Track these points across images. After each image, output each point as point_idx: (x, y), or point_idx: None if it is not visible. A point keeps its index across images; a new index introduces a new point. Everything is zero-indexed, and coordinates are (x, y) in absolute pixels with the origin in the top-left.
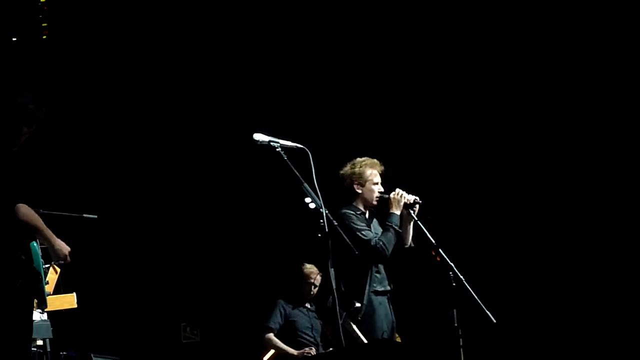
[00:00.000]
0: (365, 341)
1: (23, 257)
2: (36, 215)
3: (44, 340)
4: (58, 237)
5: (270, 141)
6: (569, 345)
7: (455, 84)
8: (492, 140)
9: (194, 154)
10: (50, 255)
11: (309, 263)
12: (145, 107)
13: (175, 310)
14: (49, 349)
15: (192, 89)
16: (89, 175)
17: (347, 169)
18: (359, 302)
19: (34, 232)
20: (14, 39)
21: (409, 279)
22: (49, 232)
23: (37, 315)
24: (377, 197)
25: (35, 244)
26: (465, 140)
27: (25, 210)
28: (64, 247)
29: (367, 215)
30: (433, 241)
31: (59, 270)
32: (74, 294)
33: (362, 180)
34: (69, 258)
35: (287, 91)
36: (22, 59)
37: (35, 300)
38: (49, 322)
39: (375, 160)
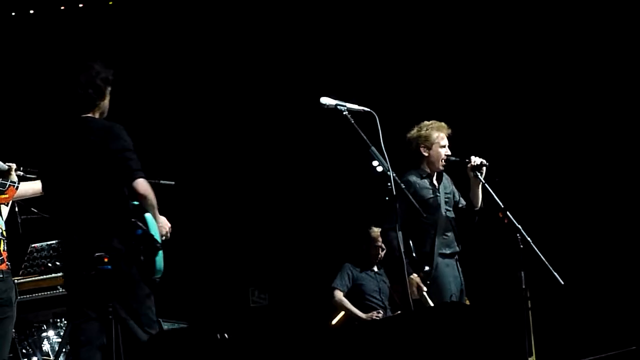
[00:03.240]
0: (432, 304)
1: (143, 227)
2: (152, 191)
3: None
4: None
5: (337, 105)
6: (635, 306)
7: (521, 54)
8: (559, 105)
9: (263, 119)
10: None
11: (377, 226)
12: (219, 69)
13: (243, 274)
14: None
15: (262, 54)
16: (162, 144)
17: (413, 132)
18: (428, 265)
19: (148, 207)
20: (80, 5)
21: (477, 241)
22: (156, 209)
23: None
24: (444, 159)
25: (149, 215)
26: (531, 105)
27: (146, 185)
28: (166, 224)
29: (434, 178)
30: (501, 203)
31: None
32: None
33: (428, 143)
34: (169, 234)
35: (354, 55)
36: (89, 24)
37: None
38: None
39: (442, 123)
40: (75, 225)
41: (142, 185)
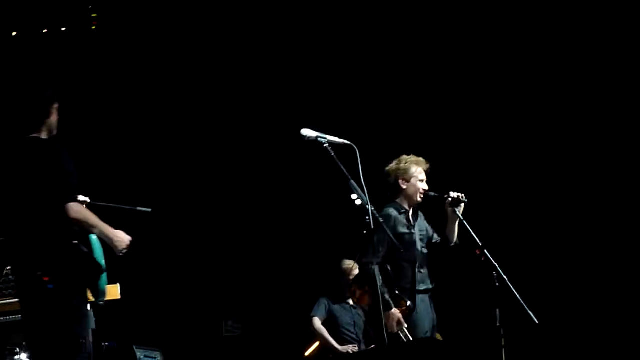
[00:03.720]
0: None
1: (84, 250)
2: (88, 212)
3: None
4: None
5: (317, 137)
6: (611, 347)
7: (498, 86)
8: (540, 142)
9: (242, 150)
10: (112, 247)
11: (353, 259)
12: (199, 102)
13: (217, 304)
14: (91, 340)
15: (242, 85)
16: (141, 170)
17: (392, 165)
18: (409, 301)
19: (88, 229)
20: (62, 29)
21: (453, 278)
22: (104, 226)
23: None
24: (421, 194)
25: (94, 237)
26: (511, 140)
27: (76, 209)
28: (123, 239)
29: (410, 214)
30: (478, 241)
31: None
32: (118, 285)
33: (407, 177)
34: (125, 250)
35: (334, 88)
36: (71, 48)
37: (90, 291)
38: (92, 313)
39: (421, 158)
40: (19, 246)
41: (72, 209)
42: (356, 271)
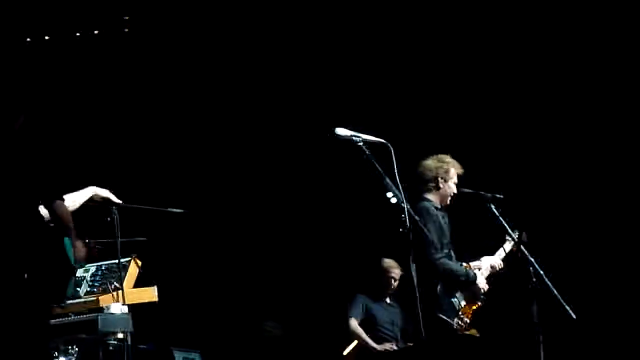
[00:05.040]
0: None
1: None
2: (70, 215)
3: (124, 333)
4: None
5: (352, 135)
6: None
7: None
8: (578, 138)
9: (277, 149)
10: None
11: (390, 258)
12: (232, 102)
13: (257, 305)
14: (129, 343)
15: (277, 84)
16: (175, 170)
17: (433, 162)
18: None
19: (65, 230)
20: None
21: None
22: (74, 233)
23: (118, 308)
24: (452, 196)
25: (67, 240)
26: (546, 135)
27: (64, 209)
28: (83, 251)
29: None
30: (514, 237)
31: (140, 263)
32: (155, 287)
33: (447, 177)
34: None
35: (369, 86)
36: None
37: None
38: (130, 315)
39: (456, 161)
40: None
41: (58, 208)
42: (397, 270)
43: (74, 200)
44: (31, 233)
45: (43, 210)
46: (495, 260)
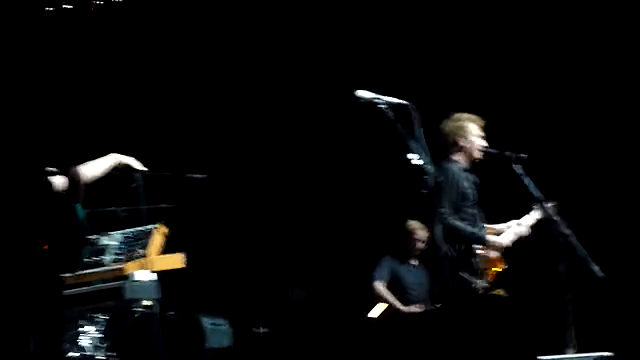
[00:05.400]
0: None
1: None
2: (83, 182)
3: (152, 300)
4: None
5: (374, 98)
6: None
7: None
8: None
9: (301, 113)
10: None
11: (415, 220)
12: (254, 65)
13: (282, 270)
14: (157, 310)
15: (298, 48)
16: (196, 137)
17: (449, 123)
18: None
19: (76, 197)
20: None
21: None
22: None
23: (146, 276)
24: (480, 149)
25: (79, 206)
26: (568, 98)
27: (78, 175)
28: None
29: (469, 171)
30: (540, 196)
31: (167, 230)
32: (183, 254)
33: (465, 133)
34: None
35: (390, 48)
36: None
37: None
38: (158, 283)
39: (475, 116)
40: None
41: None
42: (422, 232)
43: (96, 167)
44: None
45: (57, 180)
46: (522, 227)
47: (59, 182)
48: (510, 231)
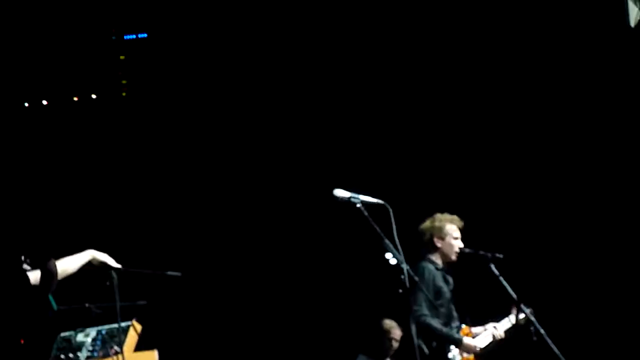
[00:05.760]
0: None
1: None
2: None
3: None
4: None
5: (350, 197)
6: None
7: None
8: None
9: (276, 211)
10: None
11: (390, 318)
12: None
13: None
14: None
15: (273, 147)
16: (170, 234)
17: (427, 223)
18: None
19: (49, 288)
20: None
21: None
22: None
23: None
24: (457, 251)
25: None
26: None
27: (55, 268)
28: None
29: (444, 271)
30: (515, 297)
31: (140, 327)
32: (156, 351)
33: (442, 234)
34: None
35: (366, 148)
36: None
37: None
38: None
39: (455, 216)
40: None
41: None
42: (397, 330)
43: (71, 262)
44: (17, 293)
45: (31, 274)
46: (499, 330)
47: (33, 275)
48: (487, 333)
